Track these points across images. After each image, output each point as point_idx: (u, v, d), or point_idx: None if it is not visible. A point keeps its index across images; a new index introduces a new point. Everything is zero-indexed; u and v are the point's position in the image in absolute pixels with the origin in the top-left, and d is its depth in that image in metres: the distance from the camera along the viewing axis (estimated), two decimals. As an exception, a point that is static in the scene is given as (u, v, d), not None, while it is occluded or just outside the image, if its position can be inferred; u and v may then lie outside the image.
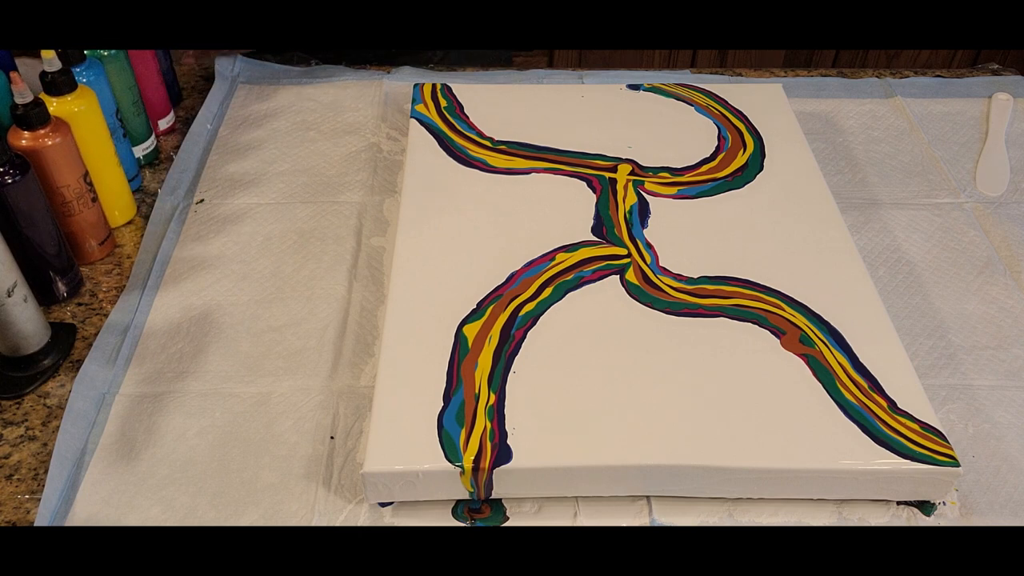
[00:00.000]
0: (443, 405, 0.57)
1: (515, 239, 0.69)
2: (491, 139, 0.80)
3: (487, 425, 0.56)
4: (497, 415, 0.57)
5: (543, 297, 0.65)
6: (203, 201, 0.79)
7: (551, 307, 0.64)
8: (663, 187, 0.75)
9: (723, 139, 0.80)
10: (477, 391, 0.58)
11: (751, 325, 0.63)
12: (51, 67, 0.67)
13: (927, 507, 0.58)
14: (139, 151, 0.82)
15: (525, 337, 0.62)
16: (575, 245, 0.69)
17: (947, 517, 0.57)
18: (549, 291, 0.65)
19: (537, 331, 0.62)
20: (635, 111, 0.84)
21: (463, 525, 0.56)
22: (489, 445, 0.55)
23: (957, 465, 0.55)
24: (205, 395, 0.63)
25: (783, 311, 0.64)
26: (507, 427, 0.56)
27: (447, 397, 0.58)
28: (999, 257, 0.76)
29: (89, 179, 0.70)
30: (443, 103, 0.84)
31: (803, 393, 0.58)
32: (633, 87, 0.87)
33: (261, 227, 0.77)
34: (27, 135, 0.65)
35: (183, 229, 0.77)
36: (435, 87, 0.86)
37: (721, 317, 0.63)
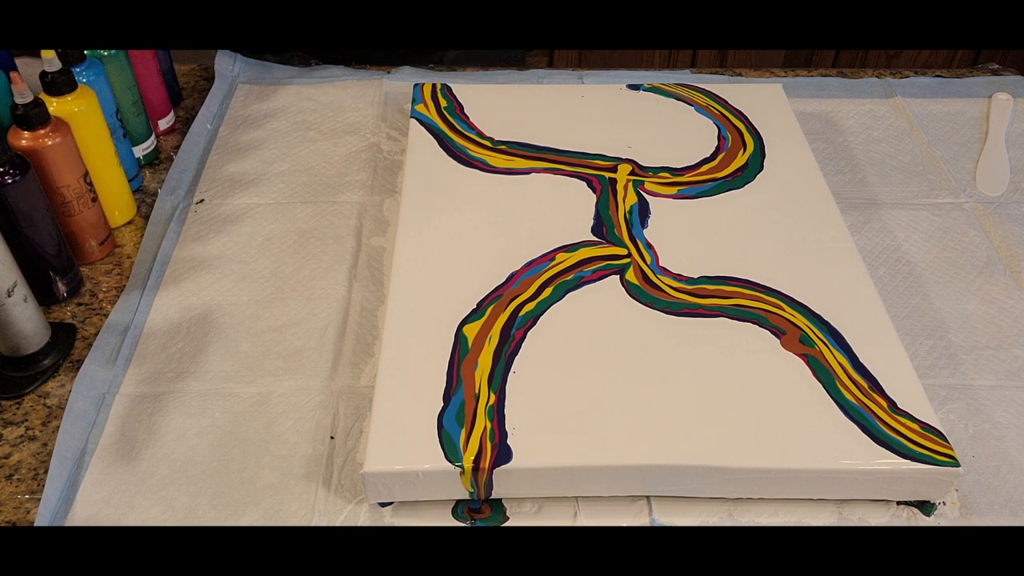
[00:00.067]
0: (443, 405, 0.57)
1: (515, 239, 0.69)
2: (491, 139, 0.80)
3: (487, 425, 0.56)
4: (497, 415, 0.57)
5: (543, 297, 0.65)
6: (203, 201, 0.79)
7: (551, 307, 0.64)
8: (663, 187, 0.75)
9: (723, 139, 0.80)
10: (477, 391, 0.58)
11: (751, 325, 0.63)
12: (51, 67, 0.67)
13: (927, 507, 0.58)
14: (139, 151, 0.82)
15: (525, 337, 0.62)
16: (575, 245, 0.69)
17: (947, 517, 0.57)
18: (549, 291, 0.65)
19: (537, 331, 0.62)
20: (635, 111, 0.84)
21: (463, 525, 0.56)
22: (489, 445, 0.55)
23: (957, 465, 0.55)
24: (205, 395, 0.63)
25: (783, 311, 0.64)
26: (507, 427, 0.56)
27: (447, 397, 0.58)
28: (999, 257, 0.76)
29: (89, 179, 0.70)
30: (443, 103, 0.84)
31: (803, 393, 0.58)
32: (633, 87, 0.87)
33: (261, 227, 0.77)
34: (27, 135, 0.65)
35: (183, 229, 0.77)
36: (435, 87, 0.86)
37: (721, 317, 0.63)
